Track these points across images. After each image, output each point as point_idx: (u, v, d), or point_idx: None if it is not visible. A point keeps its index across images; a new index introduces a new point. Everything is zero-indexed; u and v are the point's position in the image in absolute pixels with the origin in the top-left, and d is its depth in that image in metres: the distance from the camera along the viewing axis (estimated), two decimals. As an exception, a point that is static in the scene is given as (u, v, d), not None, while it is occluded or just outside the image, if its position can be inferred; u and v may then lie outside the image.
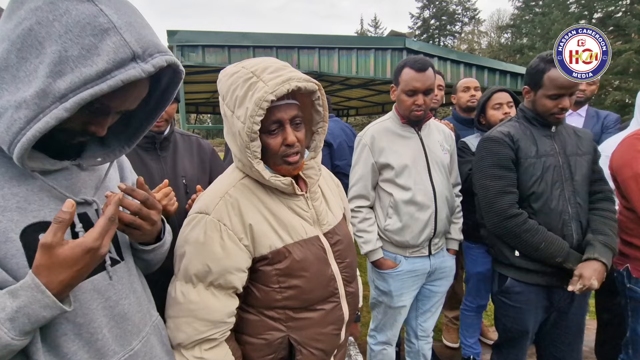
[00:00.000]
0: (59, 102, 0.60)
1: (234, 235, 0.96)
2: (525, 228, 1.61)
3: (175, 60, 0.70)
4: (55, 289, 0.64)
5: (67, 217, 0.64)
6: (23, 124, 0.61)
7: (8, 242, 0.65)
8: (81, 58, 0.59)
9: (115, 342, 0.79)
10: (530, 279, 1.68)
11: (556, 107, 1.64)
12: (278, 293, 1.01)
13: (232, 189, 1.00)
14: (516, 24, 33.95)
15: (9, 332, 0.60)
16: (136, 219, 0.81)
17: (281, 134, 0.96)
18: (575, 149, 1.72)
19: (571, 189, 1.66)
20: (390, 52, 6.21)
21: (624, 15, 22.04)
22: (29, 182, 0.70)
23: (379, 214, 1.93)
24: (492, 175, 1.69)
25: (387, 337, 2.05)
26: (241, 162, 0.99)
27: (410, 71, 1.78)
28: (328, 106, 1.10)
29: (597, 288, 1.50)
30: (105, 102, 0.67)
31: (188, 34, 4.73)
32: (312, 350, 1.05)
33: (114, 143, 0.84)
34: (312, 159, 1.09)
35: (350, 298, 1.14)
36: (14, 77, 0.61)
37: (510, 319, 1.77)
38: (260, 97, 0.85)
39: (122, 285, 0.82)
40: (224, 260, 0.95)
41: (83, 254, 0.65)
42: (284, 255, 1.00)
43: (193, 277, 0.96)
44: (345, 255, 1.13)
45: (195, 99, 10.76)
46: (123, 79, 0.61)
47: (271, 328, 1.02)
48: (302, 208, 1.06)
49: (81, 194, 0.78)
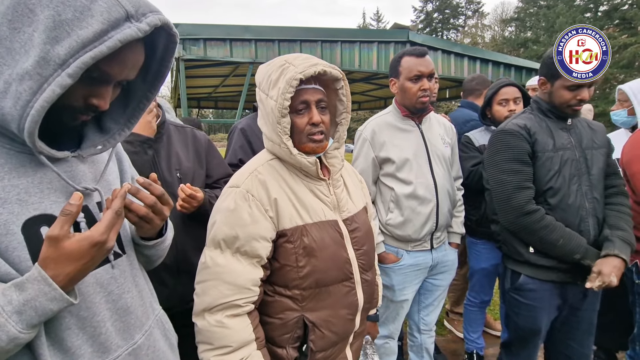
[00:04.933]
0: (60, 69, 0.59)
1: (261, 206, 1.04)
2: (543, 224, 1.56)
3: (168, 21, 0.69)
4: (61, 282, 0.63)
5: (74, 210, 0.63)
6: (29, 96, 0.59)
7: (9, 235, 0.64)
8: (75, 20, 0.58)
9: (119, 336, 0.79)
10: (544, 275, 1.64)
11: (574, 98, 1.59)
12: (295, 272, 1.06)
13: (260, 167, 1.10)
14: (520, 17, 33.64)
15: (16, 325, 0.60)
16: (150, 212, 0.81)
17: (307, 114, 1.05)
18: (591, 142, 1.67)
19: (588, 183, 1.61)
20: (394, 45, 6.16)
21: (630, 8, 21.78)
22: (28, 174, 0.69)
23: (380, 208, 1.92)
24: (509, 170, 1.62)
25: (389, 331, 2.05)
26: (271, 140, 1.08)
27: (411, 58, 1.77)
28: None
29: (616, 284, 1.47)
30: (104, 69, 0.66)
31: (190, 27, 4.70)
32: (326, 331, 1.09)
33: (113, 127, 0.83)
34: (335, 149, 1.16)
35: (365, 285, 1.17)
36: (9, 49, 0.60)
37: (523, 317, 1.72)
38: (291, 77, 0.97)
39: (124, 279, 0.82)
40: (250, 226, 1.02)
41: (90, 247, 0.65)
42: (302, 233, 1.06)
43: (221, 242, 1.03)
44: (362, 242, 1.17)
45: (197, 93, 10.74)
46: (120, 39, 0.60)
47: (287, 308, 1.08)
48: (323, 193, 1.13)
49: (82, 184, 0.77)
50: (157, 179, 0.83)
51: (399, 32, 6.41)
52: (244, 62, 5.38)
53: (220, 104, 14.47)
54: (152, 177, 0.83)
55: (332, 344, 1.12)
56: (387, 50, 6.18)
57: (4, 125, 0.64)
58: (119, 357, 0.78)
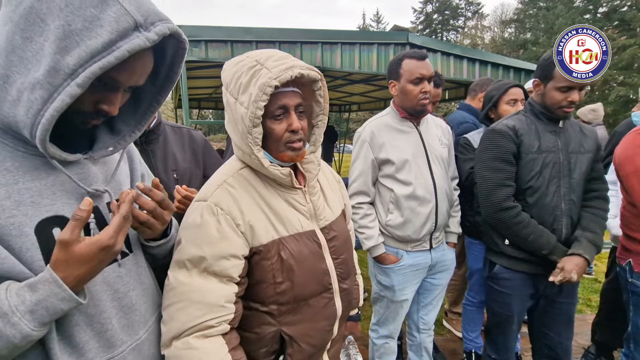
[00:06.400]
0: (70, 78, 0.60)
1: (231, 220, 0.94)
2: (516, 220, 1.67)
3: (177, 28, 0.69)
4: (71, 283, 0.66)
5: (85, 215, 0.66)
6: (40, 105, 0.62)
7: (23, 236, 0.67)
8: (85, 30, 0.59)
9: (123, 332, 0.82)
10: (516, 266, 1.77)
11: (565, 100, 1.64)
12: (272, 288, 0.99)
13: (230, 178, 1.00)
14: (520, 18, 33.68)
15: (29, 323, 0.63)
16: (150, 217, 0.83)
17: (286, 120, 0.96)
18: (578, 146, 1.74)
19: (567, 185, 1.70)
20: (393, 47, 6.17)
21: (629, 9, 21.82)
22: (42, 177, 0.71)
23: (379, 209, 1.94)
24: (492, 168, 1.73)
25: (389, 331, 2.08)
26: (241, 150, 0.99)
27: (412, 61, 1.79)
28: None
29: (576, 281, 1.59)
30: (113, 77, 0.67)
31: (190, 28, 4.71)
32: (304, 345, 1.04)
33: (124, 129, 0.85)
34: (311, 153, 1.08)
35: (344, 294, 1.13)
36: (22, 58, 0.62)
37: (497, 303, 1.86)
38: (264, 83, 0.87)
39: (130, 277, 0.85)
40: (219, 243, 0.92)
41: (98, 251, 0.68)
42: (279, 247, 0.98)
43: (187, 262, 0.92)
44: (341, 251, 1.12)
45: (197, 94, 10.75)
46: (129, 49, 0.62)
47: (263, 322, 1.02)
48: (299, 202, 1.06)
49: (92, 186, 0.79)
50: (159, 184, 0.85)
51: (398, 34, 6.43)
52: (245, 63, 5.39)
53: (221, 105, 14.47)
54: (154, 182, 0.85)
55: (310, 356, 1.07)
56: (387, 52, 6.19)
57: (18, 130, 0.66)
58: (123, 352, 0.81)
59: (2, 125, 0.68)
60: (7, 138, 0.69)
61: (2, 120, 0.66)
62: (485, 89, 2.57)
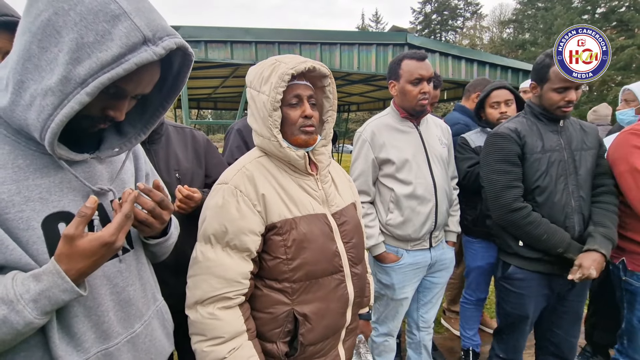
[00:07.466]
0: (80, 87, 0.64)
1: (249, 201, 1.07)
2: (528, 221, 1.67)
3: (184, 43, 0.73)
4: (73, 276, 0.70)
5: (89, 212, 0.70)
6: (51, 110, 0.66)
7: (30, 230, 0.71)
8: (96, 44, 0.63)
9: (120, 325, 0.86)
10: (532, 266, 1.76)
11: (563, 100, 1.66)
12: (285, 264, 1.08)
13: (248, 164, 1.13)
14: (518, 19, 33.76)
15: (32, 311, 0.67)
16: (149, 217, 0.86)
17: (300, 108, 1.10)
18: (581, 144, 1.76)
19: (575, 183, 1.71)
20: (392, 47, 6.20)
21: (627, 10, 21.90)
22: (50, 175, 0.75)
23: (379, 208, 1.96)
24: (499, 170, 1.74)
25: (388, 329, 2.09)
26: (261, 135, 1.11)
27: (412, 61, 1.81)
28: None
29: (595, 277, 1.57)
30: (121, 86, 0.71)
31: (191, 29, 4.74)
32: (316, 324, 1.11)
33: (131, 131, 0.89)
34: (323, 146, 1.20)
35: (356, 279, 1.20)
36: (37, 66, 0.66)
37: (511, 304, 1.85)
38: (282, 72, 1.02)
39: (129, 273, 0.89)
40: (239, 221, 1.05)
41: (100, 246, 0.71)
42: (292, 226, 1.09)
43: (211, 237, 1.06)
44: (351, 235, 1.20)
45: (197, 94, 10.77)
46: (137, 62, 0.65)
47: (277, 302, 1.10)
48: (312, 187, 1.16)
49: (97, 185, 0.83)
50: (159, 185, 0.88)
51: (397, 35, 6.46)
52: (245, 64, 5.42)
53: (220, 105, 14.49)
54: (155, 183, 0.88)
55: (323, 337, 1.14)
56: (386, 52, 6.23)
57: (29, 132, 0.70)
58: (118, 343, 0.85)
59: (16, 126, 0.71)
60: (20, 137, 0.73)
61: (15, 121, 0.70)
62: (479, 90, 2.62)
